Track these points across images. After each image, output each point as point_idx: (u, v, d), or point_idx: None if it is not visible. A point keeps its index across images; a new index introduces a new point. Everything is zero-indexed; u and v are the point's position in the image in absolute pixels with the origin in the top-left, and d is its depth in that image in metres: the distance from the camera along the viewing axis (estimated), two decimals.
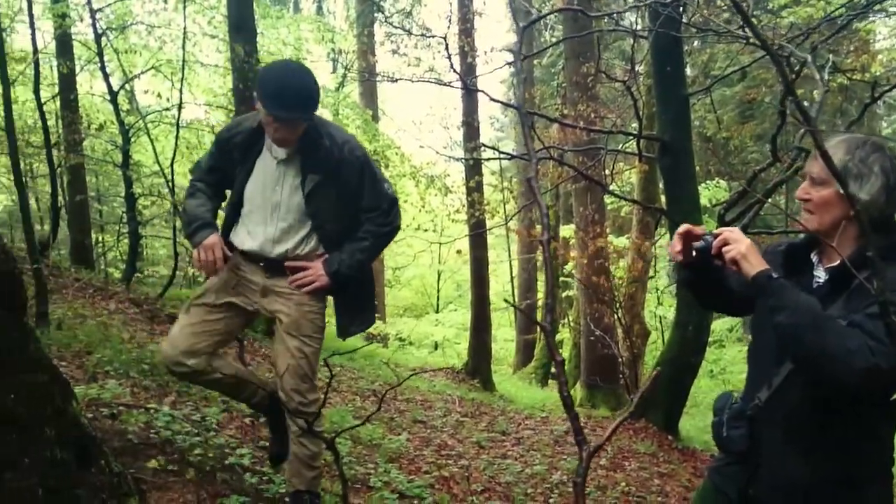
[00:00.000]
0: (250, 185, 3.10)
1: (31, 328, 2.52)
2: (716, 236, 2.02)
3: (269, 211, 3.09)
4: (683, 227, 2.13)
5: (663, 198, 10.81)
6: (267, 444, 4.62)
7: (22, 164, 14.86)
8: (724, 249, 1.98)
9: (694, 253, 2.10)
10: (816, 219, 2.03)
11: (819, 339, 1.78)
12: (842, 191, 1.78)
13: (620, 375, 9.53)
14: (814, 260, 2.12)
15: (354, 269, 3.15)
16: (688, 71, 9.42)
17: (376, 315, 19.74)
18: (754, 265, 1.92)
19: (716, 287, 2.24)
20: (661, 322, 18.31)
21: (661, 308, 15.47)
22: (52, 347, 4.96)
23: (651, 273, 15.24)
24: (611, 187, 14.92)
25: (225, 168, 3.18)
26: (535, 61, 21.11)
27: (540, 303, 19.55)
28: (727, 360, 24.50)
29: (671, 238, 2.25)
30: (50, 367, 2.49)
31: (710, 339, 23.50)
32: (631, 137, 8.72)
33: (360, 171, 3.09)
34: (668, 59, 8.04)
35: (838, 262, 1.97)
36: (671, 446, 8.53)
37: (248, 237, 3.14)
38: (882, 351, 1.73)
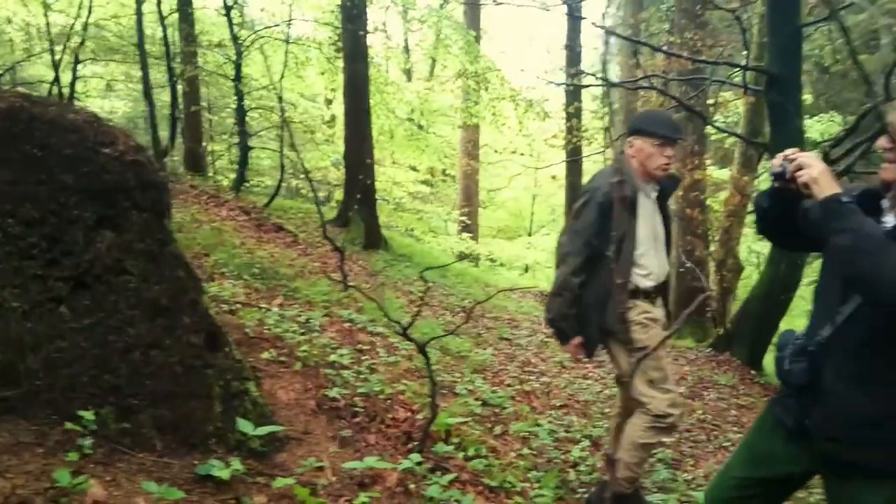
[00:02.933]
0: (642, 229, 3.44)
1: (171, 229, 2.90)
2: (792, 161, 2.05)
3: (656, 244, 3.53)
4: (788, 150, 2.14)
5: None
6: (366, 347, 5.05)
7: (138, 75, 15.67)
8: (797, 174, 2.02)
9: (773, 179, 2.13)
10: (894, 169, 2.05)
11: (878, 261, 1.82)
12: None
13: (707, 308, 9.56)
14: (884, 205, 2.13)
15: None
16: None
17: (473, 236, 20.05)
18: (825, 188, 1.97)
19: (791, 220, 2.24)
20: (758, 258, 17.98)
21: (760, 244, 15.18)
22: None
23: (750, 208, 14.92)
24: (716, 118, 14.56)
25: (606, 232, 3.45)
26: None
27: None
28: None
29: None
30: (186, 264, 2.87)
31: (812, 279, 22.80)
32: (737, 69, 8.52)
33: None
34: None
35: None
36: (753, 380, 8.61)
37: (647, 275, 3.50)
38: None
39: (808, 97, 20.96)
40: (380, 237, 12.15)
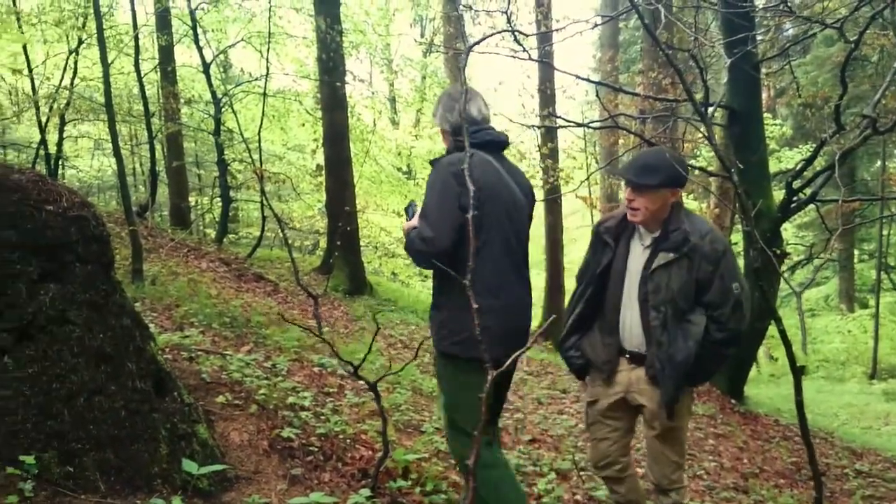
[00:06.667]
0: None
1: (118, 280, 3.03)
2: None
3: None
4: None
5: None
6: (333, 390, 5.15)
7: (126, 132, 16.02)
8: None
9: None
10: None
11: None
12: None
13: None
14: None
15: None
16: (766, 35, 9.32)
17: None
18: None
19: None
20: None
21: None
22: (145, 300, 5.58)
23: (735, 240, 15.11)
24: (691, 152, 14.78)
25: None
26: (621, 24, 20.87)
27: None
28: (818, 329, 23.87)
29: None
30: (132, 313, 3.00)
31: (804, 308, 22.83)
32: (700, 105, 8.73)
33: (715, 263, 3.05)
34: (737, 27, 8.04)
35: None
36: (733, 410, 8.68)
37: None
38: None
39: (787, 129, 21.32)
40: (364, 283, 12.28)
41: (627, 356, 3.24)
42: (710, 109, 7.33)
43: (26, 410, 2.49)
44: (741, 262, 9.01)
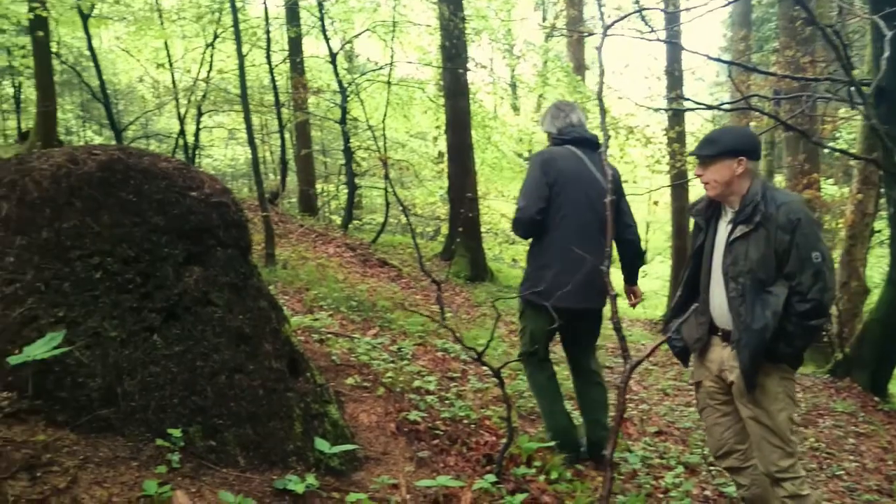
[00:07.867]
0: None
1: (255, 264, 3.15)
2: None
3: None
4: None
5: None
6: (456, 375, 5.20)
7: (257, 122, 16.66)
8: None
9: None
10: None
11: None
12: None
13: (823, 332, 9.14)
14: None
15: None
16: None
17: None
18: None
19: None
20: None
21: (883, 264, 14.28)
22: (277, 284, 5.80)
23: (879, 227, 14.18)
24: (830, 134, 13.97)
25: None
26: (754, 1, 19.93)
27: None
28: None
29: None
30: (268, 296, 3.11)
31: None
32: (841, 84, 8.21)
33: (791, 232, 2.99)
34: None
35: None
36: (875, 407, 8.16)
37: None
38: None
39: None
40: (485, 269, 12.31)
41: (720, 334, 3.27)
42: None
43: (173, 386, 2.63)
44: (889, 250, 8.42)
